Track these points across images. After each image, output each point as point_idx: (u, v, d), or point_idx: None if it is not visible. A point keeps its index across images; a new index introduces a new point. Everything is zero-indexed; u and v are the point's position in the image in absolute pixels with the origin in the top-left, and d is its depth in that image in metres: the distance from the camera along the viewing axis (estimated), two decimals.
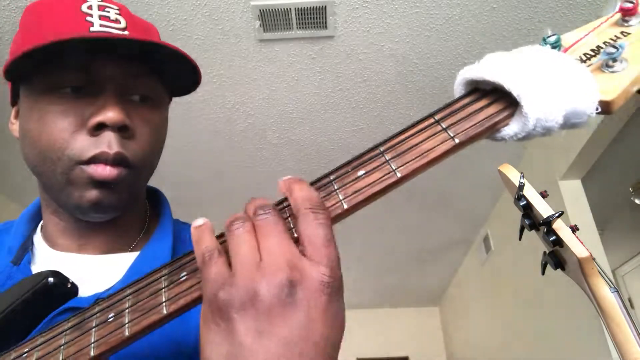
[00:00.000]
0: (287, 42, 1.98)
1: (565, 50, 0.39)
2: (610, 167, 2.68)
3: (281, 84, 2.21)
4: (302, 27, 1.89)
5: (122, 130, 0.50)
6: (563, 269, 0.75)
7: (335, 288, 0.32)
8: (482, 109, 0.37)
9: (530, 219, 0.73)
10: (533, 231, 0.75)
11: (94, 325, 0.38)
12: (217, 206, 3.19)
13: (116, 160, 0.49)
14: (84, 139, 0.49)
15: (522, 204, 0.72)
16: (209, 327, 0.32)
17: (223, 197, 3.12)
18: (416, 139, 0.37)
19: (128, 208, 0.56)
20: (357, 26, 1.91)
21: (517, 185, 0.72)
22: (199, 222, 0.36)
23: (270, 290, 0.30)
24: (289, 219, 0.36)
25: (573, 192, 2.31)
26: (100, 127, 0.49)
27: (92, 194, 0.50)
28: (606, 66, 0.37)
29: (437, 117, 0.38)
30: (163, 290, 0.37)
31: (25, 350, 0.40)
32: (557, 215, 0.69)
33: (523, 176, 0.73)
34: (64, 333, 0.40)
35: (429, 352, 5.40)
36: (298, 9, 1.80)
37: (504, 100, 0.37)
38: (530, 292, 2.85)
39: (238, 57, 2.04)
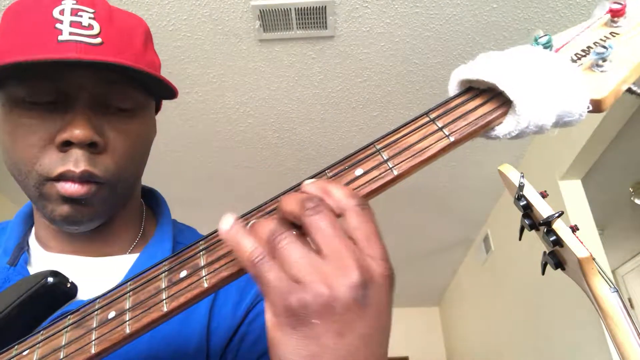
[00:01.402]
0: (287, 42, 1.98)
1: (557, 50, 0.40)
2: (610, 167, 2.68)
3: (281, 84, 2.21)
4: (302, 27, 1.89)
5: (91, 146, 0.48)
6: (563, 269, 0.75)
7: (393, 279, 0.33)
8: (476, 108, 0.38)
9: (530, 219, 0.73)
10: (533, 231, 0.75)
11: (94, 323, 0.39)
12: (217, 206, 3.19)
13: (83, 178, 0.48)
14: (53, 155, 0.48)
15: (522, 204, 0.72)
16: (284, 331, 0.31)
17: (223, 197, 3.12)
18: (412, 137, 0.38)
19: (111, 216, 0.55)
20: (357, 26, 1.91)
21: (517, 185, 0.72)
22: (226, 224, 0.35)
23: (346, 292, 0.30)
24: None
25: (573, 192, 2.31)
26: (68, 144, 0.48)
27: (64, 208, 0.49)
28: (596, 66, 0.38)
29: (432, 115, 0.39)
30: (163, 288, 0.38)
31: (27, 347, 0.41)
32: (557, 215, 0.69)
33: (523, 176, 0.73)
34: (65, 330, 0.40)
35: (429, 352, 5.40)
36: (298, 9, 1.80)
37: (498, 99, 0.38)
38: (530, 292, 2.85)
39: (238, 57, 2.04)
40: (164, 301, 0.37)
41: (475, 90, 0.39)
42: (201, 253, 0.38)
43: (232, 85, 2.20)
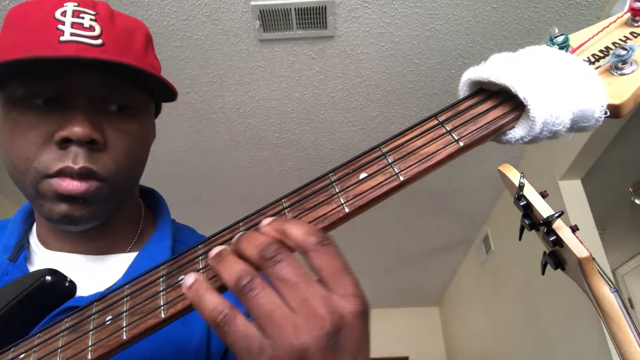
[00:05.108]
0: (287, 42, 1.98)
1: (573, 50, 0.38)
2: (610, 167, 2.68)
3: (281, 84, 2.21)
4: (302, 27, 1.89)
5: (91, 143, 0.48)
6: (563, 269, 0.75)
7: (368, 313, 0.32)
8: (487, 111, 0.36)
9: (530, 219, 0.73)
10: (533, 231, 0.75)
11: (91, 327, 0.38)
12: (216, 206, 3.19)
13: (82, 175, 0.48)
14: (52, 152, 0.48)
15: (522, 204, 0.72)
16: None
17: (223, 197, 3.12)
18: (419, 141, 0.36)
19: (109, 217, 0.55)
20: (357, 26, 1.91)
21: (517, 185, 0.72)
22: (189, 281, 0.33)
23: (318, 343, 0.29)
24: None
25: (573, 192, 2.31)
26: (67, 141, 0.48)
27: (62, 207, 0.49)
28: (615, 68, 0.35)
29: (440, 118, 0.37)
30: (161, 293, 0.37)
31: (23, 351, 0.40)
32: (557, 215, 0.69)
33: (523, 176, 0.73)
34: (61, 334, 0.39)
35: (429, 352, 5.40)
36: (298, 9, 1.80)
37: (510, 102, 0.36)
38: (530, 292, 2.85)
39: (238, 57, 2.04)
40: (162, 307, 0.36)
41: (486, 92, 0.37)
42: (200, 257, 0.37)
43: (232, 85, 2.20)
